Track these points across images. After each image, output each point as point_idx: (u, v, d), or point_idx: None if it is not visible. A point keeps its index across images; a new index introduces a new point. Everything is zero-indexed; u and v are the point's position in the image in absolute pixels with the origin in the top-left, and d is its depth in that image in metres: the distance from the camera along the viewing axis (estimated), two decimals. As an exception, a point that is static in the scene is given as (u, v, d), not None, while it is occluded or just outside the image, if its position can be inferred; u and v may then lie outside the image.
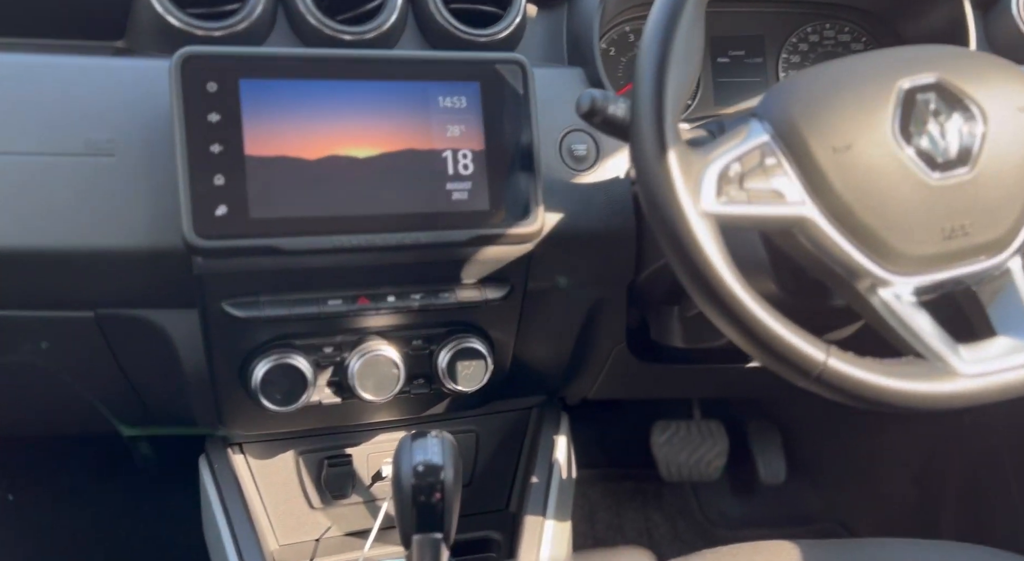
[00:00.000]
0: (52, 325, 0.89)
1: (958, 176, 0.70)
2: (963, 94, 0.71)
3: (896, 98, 0.70)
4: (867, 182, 0.69)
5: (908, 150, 0.70)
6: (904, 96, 0.70)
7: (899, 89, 0.71)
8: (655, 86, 0.67)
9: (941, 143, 0.70)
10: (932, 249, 0.70)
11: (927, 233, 0.70)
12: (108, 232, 0.80)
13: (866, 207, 0.68)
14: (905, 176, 0.69)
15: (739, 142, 0.71)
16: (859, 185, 0.68)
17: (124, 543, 1.41)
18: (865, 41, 1.16)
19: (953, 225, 0.70)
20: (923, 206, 0.70)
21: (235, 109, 0.79)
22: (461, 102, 0.87)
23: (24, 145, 0.79)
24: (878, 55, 0.75)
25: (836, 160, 0.69)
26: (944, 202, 0.70)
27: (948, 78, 0.71)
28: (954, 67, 0.72)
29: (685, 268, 0.66)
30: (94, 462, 1.44)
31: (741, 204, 0.68)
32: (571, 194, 0.95)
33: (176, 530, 1.00)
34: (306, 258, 0.83)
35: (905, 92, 0.71)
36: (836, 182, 0.68)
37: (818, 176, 0.69)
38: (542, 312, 1.04)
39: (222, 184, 0.79)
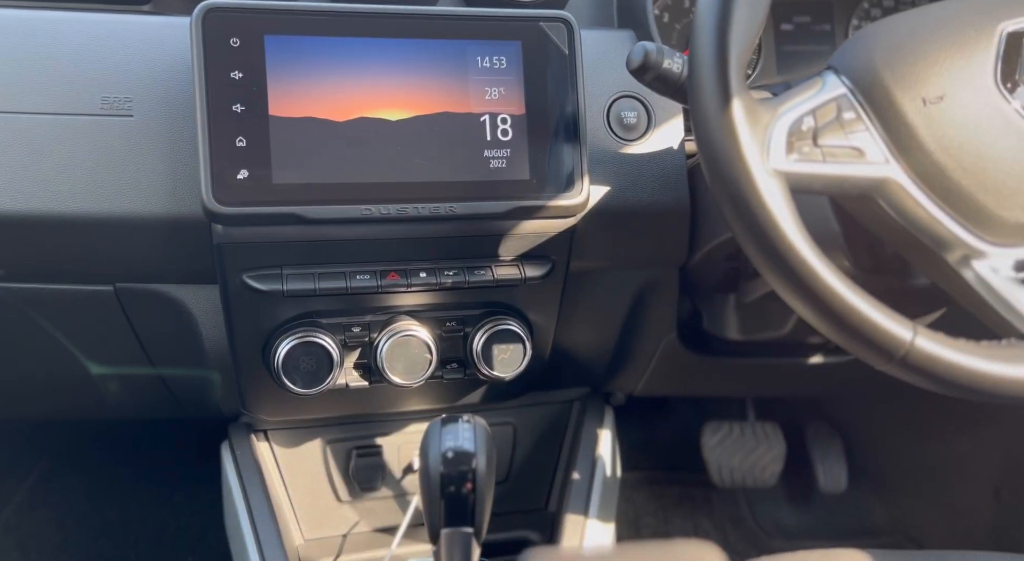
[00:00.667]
0: (72, 300, 0.85)
1: None
2: None
3: (998, 42, 0.61)
4: (962, 138, 0.60)
5: (1013, 102, 0.61)
6: (1007, 40, 0.62)
7: (1002, 32, 0.62)
8: (718, 29, 0.59)
9: None
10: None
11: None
12: (125, 198, 0.76)
13: (961, 167, 0.60)
14: (1008, 131, 0.60)
15: (813, 94, 0.63)
16: (953, 142, 0.60)
17: (151, 533, 1.37)
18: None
19: None
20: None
21: (259, 66, 0.74)
22: (501, 62, 0.81)
23: (40, 104, 0.75)
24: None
25: (926, 114, 0.60)
26: None
27: None
28: None
29: (750, 232, 0.58)
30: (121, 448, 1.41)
31: (815, 162, 0.60)
32: (619, 166, 0.87)
33: (202, 521, 0.95)
34: (332, 228, 0.77)
35: (1009, 35, 0.62)
36: (926, 138, 0.60)
37: (905, 132, 0.60)
38: (586, 295, 0.96)
39: (244, 146, 0.73)
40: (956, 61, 0.61)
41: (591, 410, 1.08)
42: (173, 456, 1.38)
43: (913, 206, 0.61)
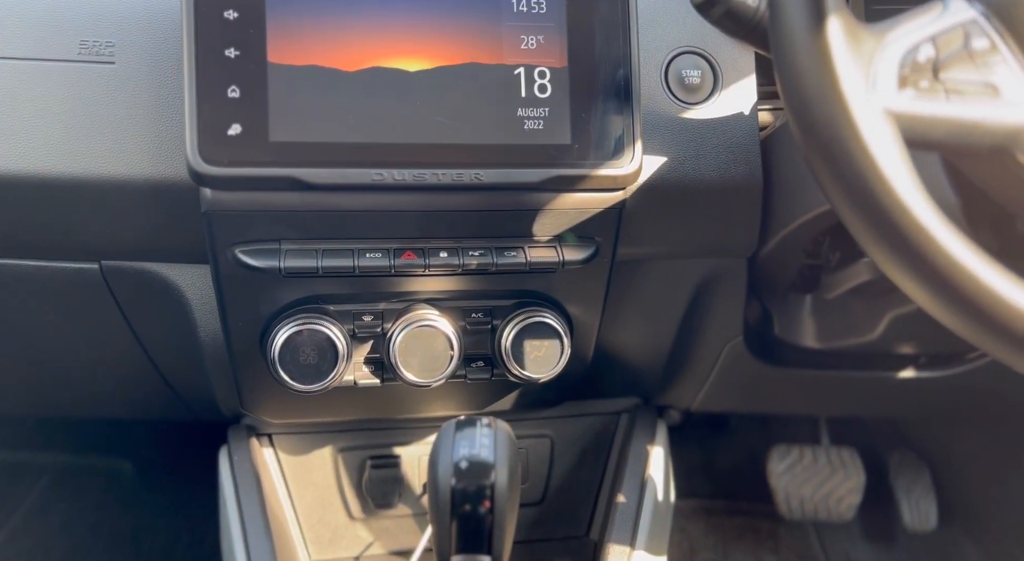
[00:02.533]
0: (57, 279, 0.76)
1: None
2: None
3: None
4: None
5: None
6: None
7: None
8: None
9: None
10: None
11: None
12: (104, 158, 0.66)
13: None
14: None
15: (932, 17, 0.49)
16: None
17: (164, 544, 1.28)
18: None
19: None
20: None
21: (258, 4, 0.64)
22: (540, 6, 0.69)
23: (9, 48, 0.66)
24: None
25: None
26: None
27: None
28: None
29: (849, 188, 0.45)
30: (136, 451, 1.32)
31: (935, 100, 0.47)
32: (678, 133, 0.74)
33: (217, 531, 0.85)
34: (338, 196, 0.66)
35: None
36: None
37: None
38: (636, 287, 0.83)
39: (237, 97, 0.63)
40: None
41: (641, 424, 0.94)
42: (188, 460, 1.28)
43: None
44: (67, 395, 0.99)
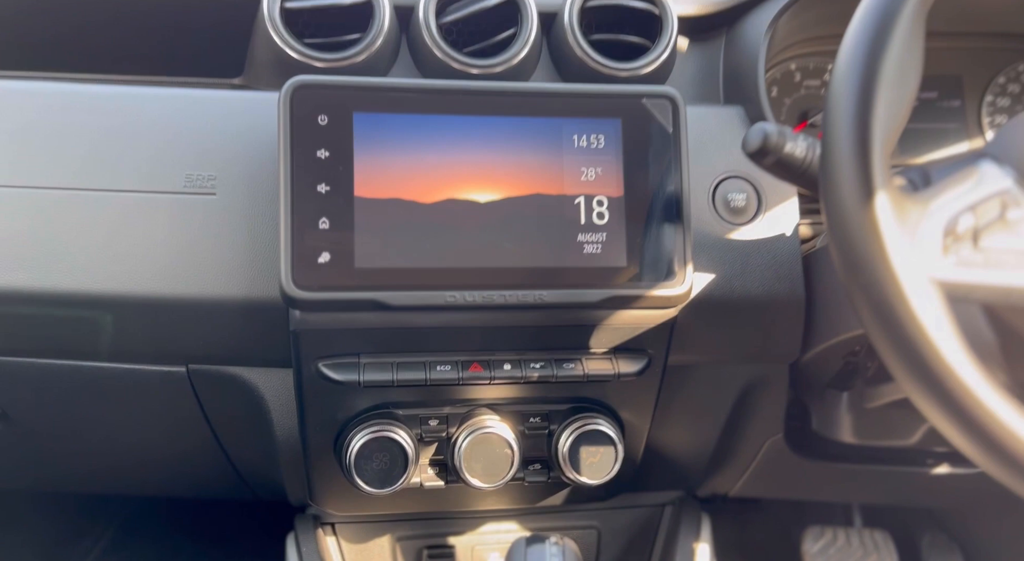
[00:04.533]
0: (144, 380, 0.82)
1: None
2: None
3: None
4: None
5: None
6: None
7: None
8: (860, 110, 0.52)
9: None
10: None
11: None
12: (203, 280, 0.73)
13: None
14: None
15: (970, 186, 0.54)
16: None
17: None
18: (1094, 80, 0.96)
19: None
20: None
21: (347, 145, 0.71)
22: (599, 141, 0.75)
23: (123, 181, 0.73)
24: None
25: None
26: None
27: None
28: None
29: (900, 351, 0.50)
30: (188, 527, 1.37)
31: (976, 268, 0.52)
32: (725, 252, 0.80)
33: None
34: (414, 315, 0.72)
35: None
36: None
37: None
38: (685, 391, 0.88)
39: (327, 228, 0.69)
40: None
41: (686, 518, 0.98)
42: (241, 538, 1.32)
43: None
44: (136, 475, 1.05)
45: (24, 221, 0.72)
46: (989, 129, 0.96)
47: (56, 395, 0.85)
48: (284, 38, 0.79)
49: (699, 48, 0.91)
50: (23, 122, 0.73)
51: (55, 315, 0.74)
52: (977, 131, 0.96)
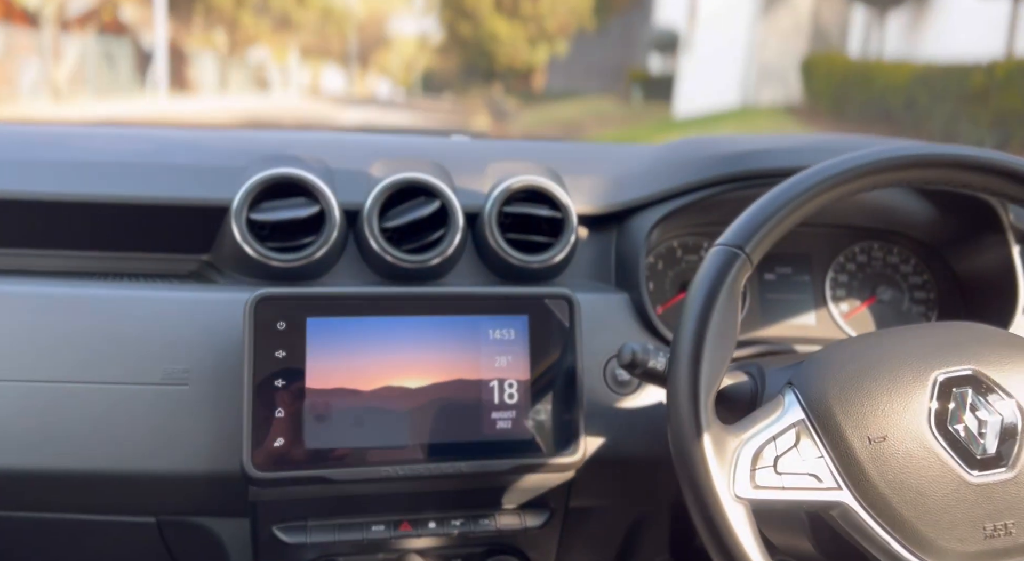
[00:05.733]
0: (115, 529, 0.94)
1: (998, 474, 0.70)
2: (999, 388, 0.72)
3: (931, 389, 0.71)
4: (904, 475, 0.69)
5: (945, 445, 0.70)
6: (939, 388, 0.71)
7: (934, 380, 0.71)
8: (690, 369, 0.70)
9: (979, 439, 0.70)
10: (975, 547, 0.69)
11: (968, 530, 0.69)
12: (175, 459, 0.86)
13: (904, 501, 0.68)
14: (943, 472, 0.69)
15: (774, 419, 0.73)
16: (896, 478, 0.69)
17: None
18: (914, 264, 1.18)
19: (995, 524, 0.69)
20: (963, 503, 0.69)
21: (301, 346, 0.86)
22: (510, 334, 0.93)
23: (108, 375, 0.87)
24: (914, 335, 0.77)
25: (871, 451, 0.69)
26: (985, 500, 0.69)
27: (984, 370, 0.72)
28: (990, 357, 0.73)
29: (719, 553, 0.67)
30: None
31: (775, 490, 0.70)
32: (614, 419, 0.97)
33: None
34: (354, 486, 0.87)
35: (940, 384, 0.71)
36: (872, 473, 0.69)
37: (854, 465, 0.70)
38: (582, 529, 1.04)
39: (282, 417, 0.84)
40: (895, 404, 0.71)
41: None
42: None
43: (865, 529, 0.69)
44: None
45: (23, 410, 0.85)
46: (831, 301, 1.17)
47: (33, 540, 0.97)
48: (249, 242, 0.94)
49: (596, 237, 1.10)
50: (24, 324, 0.87)
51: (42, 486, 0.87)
52: (823, 301, 1.17)
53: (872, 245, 1.18)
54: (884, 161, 0.74)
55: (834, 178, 0.76)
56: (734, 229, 0.76)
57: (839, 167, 0.77)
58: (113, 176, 0.99)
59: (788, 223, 0.76)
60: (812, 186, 0.76)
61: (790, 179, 0.77)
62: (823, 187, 0.76)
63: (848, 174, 0.75)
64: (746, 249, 0.74)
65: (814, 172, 0.77)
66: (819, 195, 0.76)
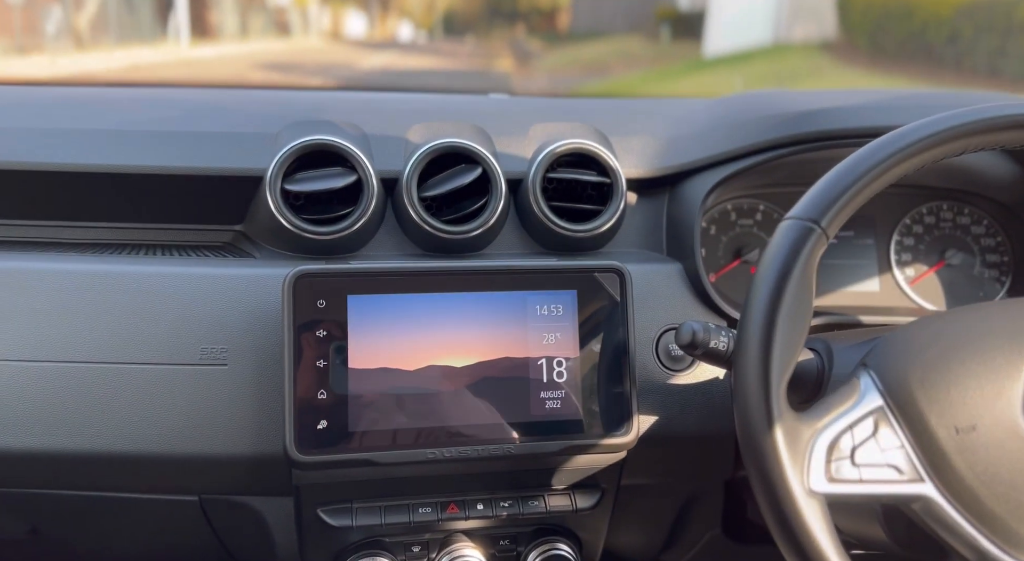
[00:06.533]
0: (157, 506, 0.93)
1: None
2: None
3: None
4: (995, 468, 0.64)
5: None
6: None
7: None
8: (762, 351, 0.65)
9: None
10: None
11: None
12: (216, 441, 0.84)
13: (995, 495, 0.64)
14: None
15: (850, 406, 0.68)
16: (986, 470, 0.64)
17: None
18: (987, 225, 1.11)
19: None
20: None
21: (342, 324, 0.82)
22: (558, 310, 0.88)
23: (147, 356, 0.84)
24: (1003, 313, 0.71)
25: (959, 441, 0.65)
26: None
27: None
28: None
29: (793, 553, 0.63)
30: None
31: (852, 483, 0.65)
32: (667, 396, 0.93)
33: None
34: (400, 468, 0.84)
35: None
36: (959, 465, 0.64)
37: (939, 456, 0.65)
38: (634, 506, 1.01)
39: (324, 398, 0.81)
40: (986, 391, 0.65)
41: None
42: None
43: (949, 522, 0.65)
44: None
45: (63, 391, 0.82)
46: (896, 266, 1.11)
47: (78, 517, 0.96)
48: (284, 215, 0.90)
49: (646, 202, 1.04)
50: (61, 303, 0.84)
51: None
52: (887, 266, 1.11)
53: (941, 206, 1.11)
54: (984, 122, 0.67)
55: (924, 141, 0.70)
56: (809, 201, 0.70)
57: (931, 129, 0.70)
58: (142, 146, 0.95)
59: (868, 193, 0.70)
60: (899, 151, 0.69)
61: (873, 143, 0.71)
62: (911, 151, 0.69)
63: (942, 136, 0.68)
64: (822, 223, 0.68)
65: (901, 135, 0.70)
66: (905, 161, 0.70)
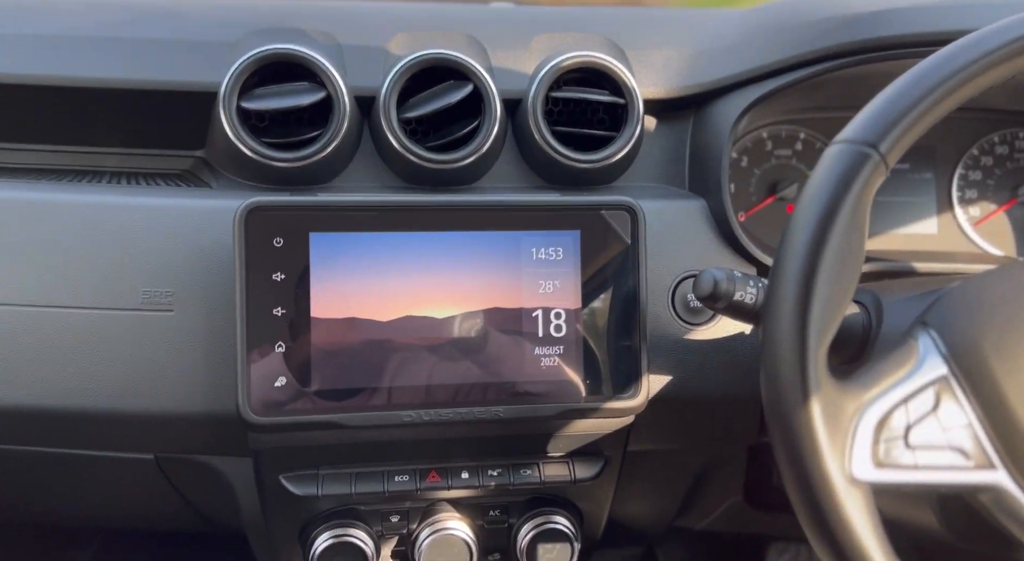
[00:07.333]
0: (113, 464, 0.84)
1: None
2: None
3: None
4: None
5: None
6: None
7: None
8: (798, 309, 0.52)
9: None
10: None
11: None
12: (163, 397, 0.74)
13: None
14: None
15: (906, 374, 0.55)
16: None
17: None
18: (1069, 156, 0.95)
19: None
20: None
21: (303, 267, 0.71)
22: (558, 253, 0.75)
23: (82, 298, 0.73)
24: None
25: None
26: None
27: None
28: None
29: (828, 551, 0.52)
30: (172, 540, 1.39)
31: (905, 469, 0.53)
32: (683, 354, 0.81)
33: None
34: (371, 432, 0.73)
35: None
36: None
37: (1015, 437, 0.52)
38: (643, 475, 0.90)
39: (283, 352, 0.70)
40: None
41: None
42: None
43: None
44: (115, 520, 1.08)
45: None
46: (958, 204, 0.96)
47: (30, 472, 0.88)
48: (241, 137, 0.77)
49: (667, 128, 0.89)
50: None
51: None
52: (948, 205, 0.96)
53: (1016, 133, 0.95)
54: None
55: (1009, 47, 0.56)
56: (865, 121, 0.56)
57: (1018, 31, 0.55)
58: (80, 54, 0.82)
59: (939, 112, 0.56)
60: (978, 59, 0.56)
61: (944, 50, 0.57)
62: (993, 60, 0.57)
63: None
64: (880, 148, 0.54)
65: (980, 39, 0.57)
66: (986, 72, 0.57)
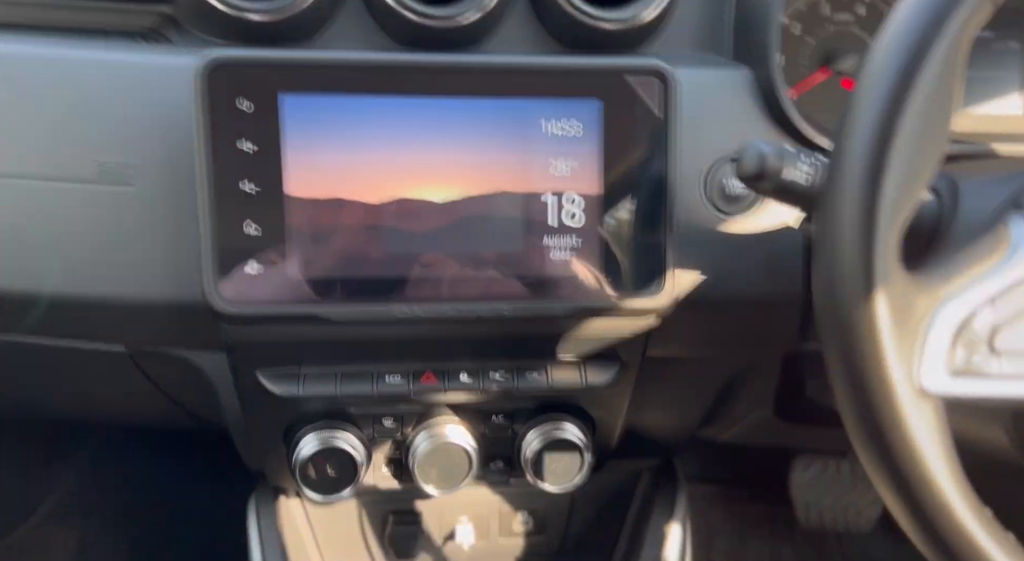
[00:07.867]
0: (86, 356, 0.77)
1: None
2: None
3: None
4: None
5: None
6: None
7: None
8: (868, 185, 0.42)
9: None
10: None
11: None
12: (123, 282, 0.65)
13: None
14: None
15: (995, 265, 0.45)
16: None
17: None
18: None
19: None
20: None
21: (274, 134, 0.61)
22: (574, 128, 0.64)
23: (28, 167, 0.64)
24: None
25: None
26: None
27: None
28: None
29: (889, 479, 0.43)
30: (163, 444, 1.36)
31: (989, 379, 0.43)
32: (715, 248, 0.70)
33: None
34: (359, 328, 0.65)
35: None
36: None
37: None
38: (663, 382, 0.81)
39: (256, 234, 0.61)
40: None
41: (660, 494, 0.95)
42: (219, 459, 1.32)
43: None
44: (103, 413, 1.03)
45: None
46: (1052, 83, 0.82)
47: None
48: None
49: (709, -16, 0.75)
50: None
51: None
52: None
53: None
54: None
55: None
56: None
57: None
58: None
59: None
60: None
61: None
62: None
63: None
64: None
65: None
66: None
